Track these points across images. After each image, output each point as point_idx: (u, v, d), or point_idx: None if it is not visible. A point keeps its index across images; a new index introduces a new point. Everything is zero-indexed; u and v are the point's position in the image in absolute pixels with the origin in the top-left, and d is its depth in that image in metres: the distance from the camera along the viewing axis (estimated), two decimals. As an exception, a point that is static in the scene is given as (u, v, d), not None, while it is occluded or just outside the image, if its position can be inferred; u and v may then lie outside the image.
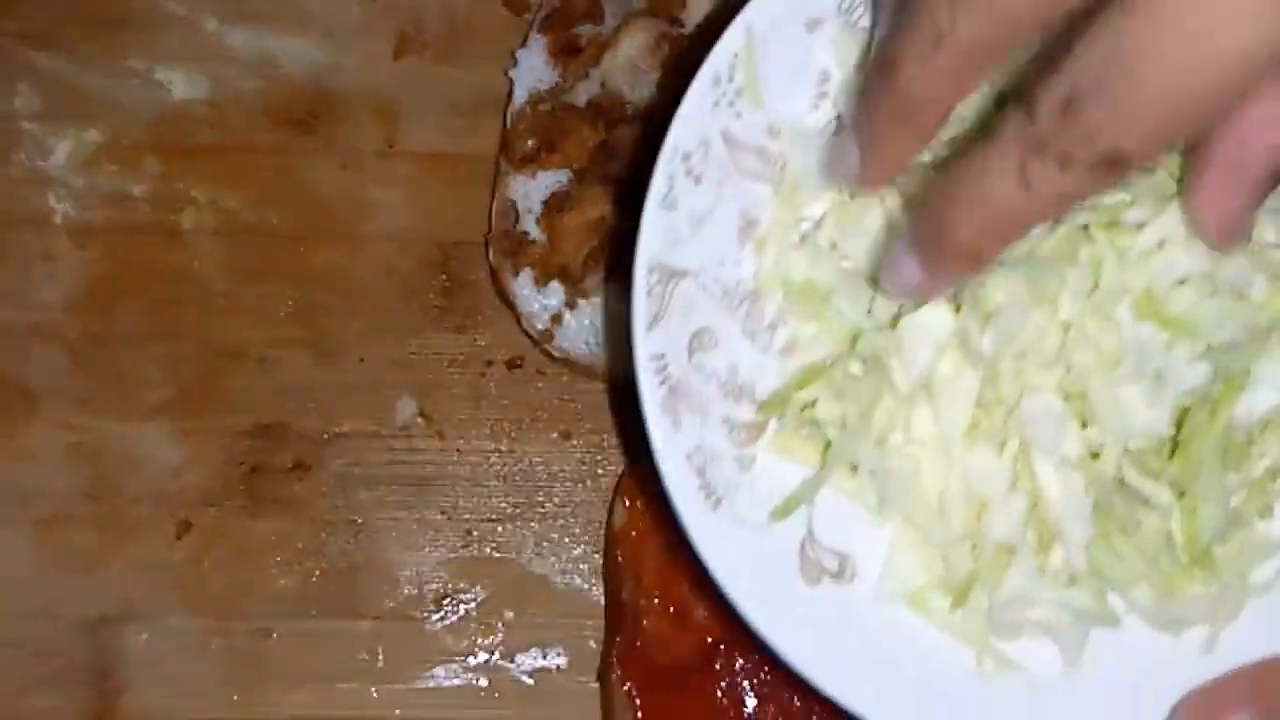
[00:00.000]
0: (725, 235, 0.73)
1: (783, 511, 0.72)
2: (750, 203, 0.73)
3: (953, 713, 0.70)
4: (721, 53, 0.71)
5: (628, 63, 1.02)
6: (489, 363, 1.05)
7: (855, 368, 0.70)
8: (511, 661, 1.00)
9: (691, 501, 0.70)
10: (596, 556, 1.02)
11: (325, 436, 1.02)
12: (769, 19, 0.72)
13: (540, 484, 1.03)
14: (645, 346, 0.70)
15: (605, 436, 1.04)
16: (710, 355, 0.72)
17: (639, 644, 0.94)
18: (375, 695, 0.99)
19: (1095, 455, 0.68)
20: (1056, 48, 0.51)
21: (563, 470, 1.04)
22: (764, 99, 0.73)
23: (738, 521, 0.71)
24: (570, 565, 1.02)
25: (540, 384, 1.05)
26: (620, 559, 0.96)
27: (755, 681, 0.94)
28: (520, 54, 1.05)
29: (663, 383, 0.71)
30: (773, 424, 0.73)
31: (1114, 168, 0.50)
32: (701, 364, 0.72)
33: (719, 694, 0.94)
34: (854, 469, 0.72)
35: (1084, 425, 0.68)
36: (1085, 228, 0.67)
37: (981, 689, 0.70)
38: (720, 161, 0.72)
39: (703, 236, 0.72)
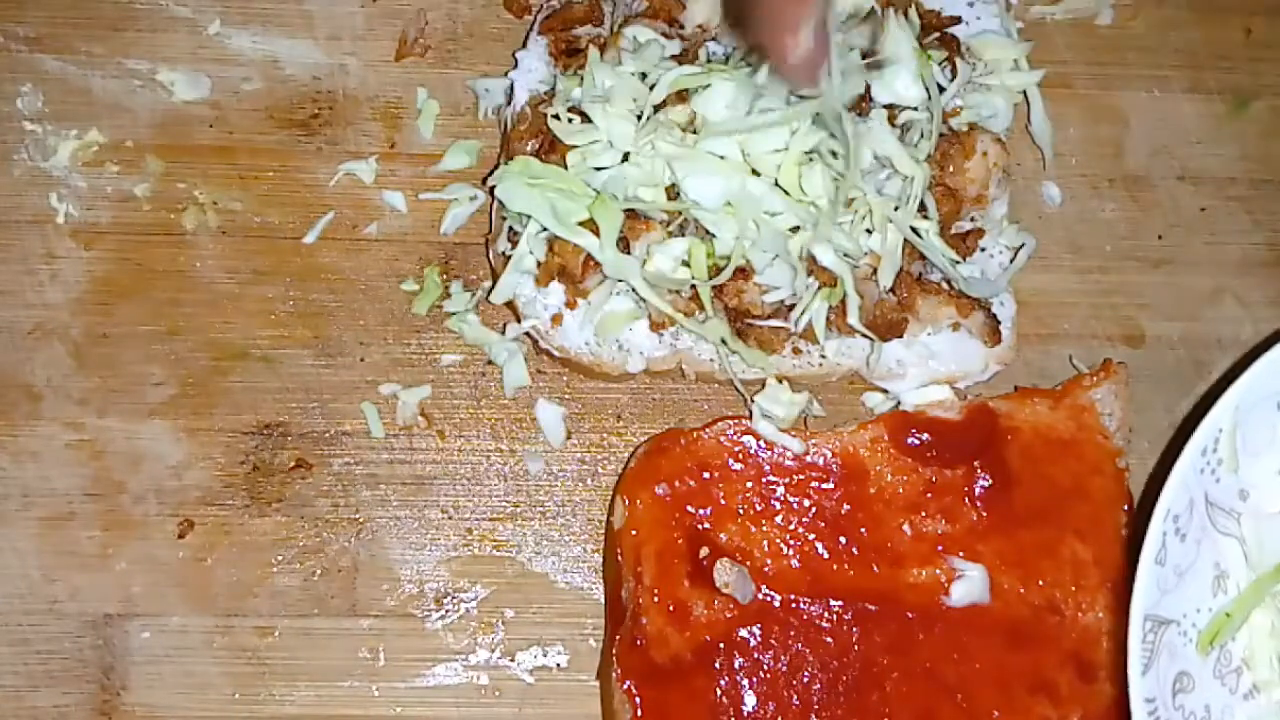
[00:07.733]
0: (1201, 586, 0.85)
1: None
2: (1221, 555, 0.87)
3: None
4: (1210, 428, 0.84)
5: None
6: (489, 362, 1.05)
7: None
8: (512, 660, 1.01)
9: None
10: (596, 555, 1.02)
11: (327, 435, 1.03)
12: (1252, 399, 0.85)
13: (540, 483, 1.04)
14: (1140, 690, 0.81)
15: (605, 436, 1.05)
16: (1189, 697, 0.83)
17: (639, 642, 0.94)
18: (376, 693, 0.99)
19: None
20: None
21: (563, 470, 1.04)
22: (1240, 466, 0.86)
23: None
24: (570, 564, 1.02)
25: (540, 384, 1.05)
26: (620, 558, 0.96)
27: (754, 680, 0.95)
28: (520, 56, 1.05)
29: None
30: None
31: None
32: (1182, 705, 0.83)
33: (718, 692, 0.94)
34: None
35: None
36: None
37: None
38: (1201, 520, 0.85)
39: (1183, 588, 0.84)
